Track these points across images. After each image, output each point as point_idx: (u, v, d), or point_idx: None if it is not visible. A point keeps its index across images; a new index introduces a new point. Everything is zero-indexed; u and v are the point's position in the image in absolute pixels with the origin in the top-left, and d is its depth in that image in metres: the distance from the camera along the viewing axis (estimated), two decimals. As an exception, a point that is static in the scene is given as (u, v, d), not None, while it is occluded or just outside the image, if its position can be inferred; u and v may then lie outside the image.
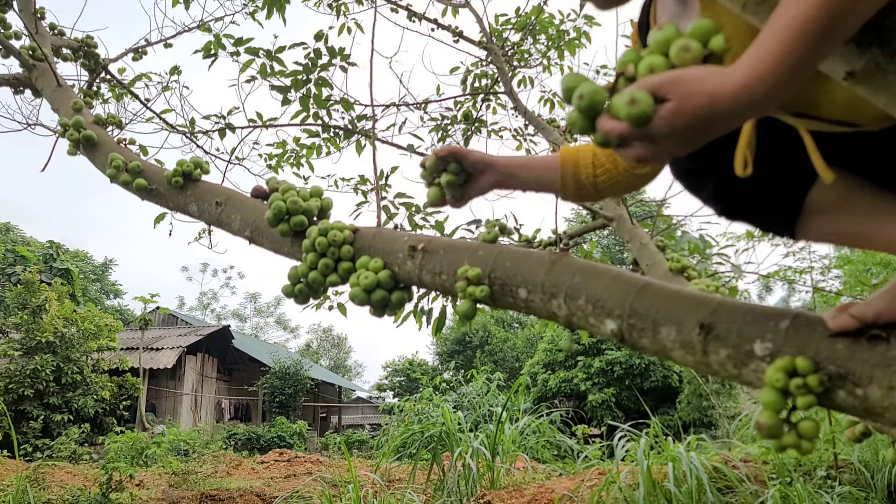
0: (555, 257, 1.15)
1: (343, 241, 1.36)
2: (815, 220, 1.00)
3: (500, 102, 5.23)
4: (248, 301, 49.76)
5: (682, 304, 0.97)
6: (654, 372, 18.09)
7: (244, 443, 18.50)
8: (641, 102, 0.71)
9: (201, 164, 1.77)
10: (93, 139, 2.01)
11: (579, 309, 1.07)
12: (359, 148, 4.67)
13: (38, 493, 6.35)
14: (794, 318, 0.87)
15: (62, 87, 2.35)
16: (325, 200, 1.52)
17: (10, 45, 2.53)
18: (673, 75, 0.71)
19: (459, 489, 5.90)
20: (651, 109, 0.71)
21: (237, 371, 26.49)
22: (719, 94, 0.69)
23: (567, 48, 5.07)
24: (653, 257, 2.74)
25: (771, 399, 0.82)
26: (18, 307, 13.35)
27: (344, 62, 4.25)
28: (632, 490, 4.49)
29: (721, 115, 0.70)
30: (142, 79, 3.72)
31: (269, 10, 4.25)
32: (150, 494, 7.37)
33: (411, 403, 12.01)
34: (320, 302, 4.01)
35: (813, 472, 4.56)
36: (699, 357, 0.93)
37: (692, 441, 5.05)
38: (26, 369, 12.65)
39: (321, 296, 1.53)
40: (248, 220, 1.59)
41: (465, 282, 1.20)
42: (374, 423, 32.59)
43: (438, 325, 3.37)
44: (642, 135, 0.73)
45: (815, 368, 0.82)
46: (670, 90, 0.70)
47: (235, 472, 9.79)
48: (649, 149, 0.75)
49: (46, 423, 12.67)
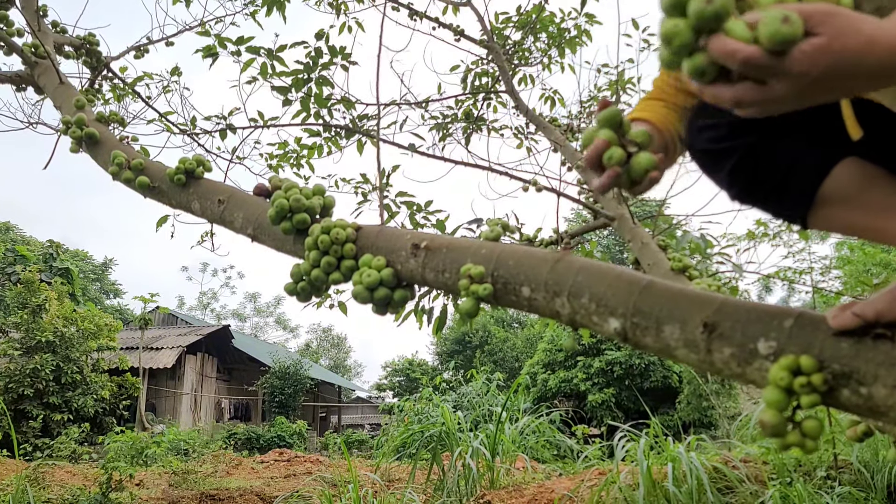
0: (558, 256, 1.15)
1: (346, 239, 1.36)
2: (828, 210, 1.00)
3: (501, 101, 5.23)
4: (248, 301, 49.76)
5: (686, 302, 0.97)
6: (653, 372, 18.10)
7: (244, 442, 18.49)
8: (795, 24, 0.60)
9: (203, 162, 1.77)
10: (95, 137, 2.01)
11: (582, 307, 1.07)
12: (360, 147, 4.66)
13: (37, 492, 6.35)
14: (798, 316, 0.87)
15: (65, 85, 2.35)
16: (327, 198, 1.52)
17: (13, 42, 2.53)
18: (827, 7, 0.62)
19: (459, 489, 5.90)
20: (799, 36, 0.61)
21: (237, 371, 26.48)
22: (878, 41, 0.61)
23: (568, 46, 5.07)
24: (654, 257, 2.74)
25: (775, 397, 0.82)
26: (18, 306, 13.35)
27: (345, 61, 4.25)
28: (632, 490, 4.48)
29: (869, 66, 0.61)
30: (143, 79, 3.72)
31: (269, 9, 4.25)
32: (149, 494, 7.37)
33: (411, 403, 12.00)
34: (321, 300, 4.02)
35: (813, 472, 4.56)
36: (703, 356, 0.93)
37: (692, 441, 5.05)
38: (26, 369, 12.64)
39: (323, 294, 1.53)
40: (251, 217, 1.58)
41: (468, 280, 1.19)
42: (373, 422, 32.58)
43: (439, 325, 3.37)
44: (769, 67, 0.63)
45: (820, 367, 0.82)
46: (821, 21, 0.61)
47: (235, 471, 9.79)
48: (758, 92, 0.66)
49: (46, 423, 12.67)
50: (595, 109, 5.23)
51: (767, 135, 0.98)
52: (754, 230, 4.56)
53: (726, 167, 1.04)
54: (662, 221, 3.47)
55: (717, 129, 1.05)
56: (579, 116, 5.16)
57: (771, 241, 4.92)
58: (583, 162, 0.90)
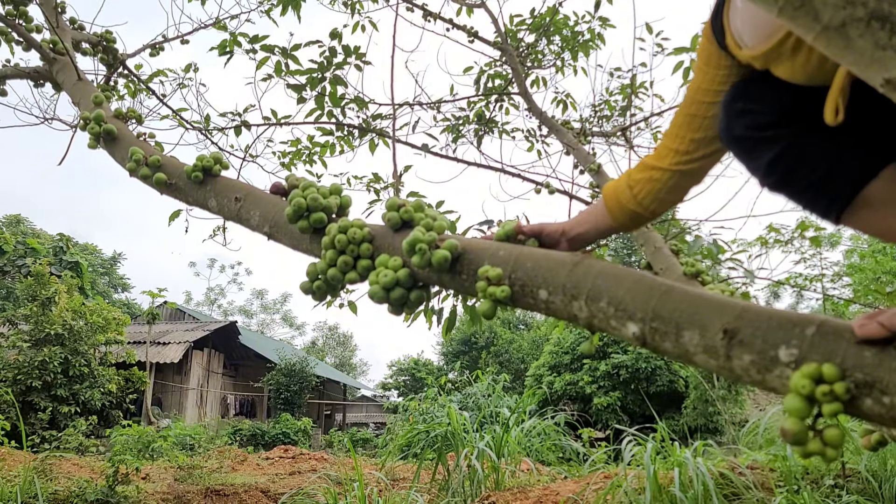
0: (576, 259, 1.15)
1: (362, 239, 1.36)
2: (867, 212, 1.01)
3: (514, 103, 5.22)
4: (255, 297, 49.91)
5: (706, 308, 0.97)
6: (660, 376, 18.03)
7: (249, 438, 18.55)
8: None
9: (221, 160, 1.78)
10: (113, 133, 2.02)
11: (601, 311, 1.07)
12: (372, 147, 4.67)
13: (44, 484, 6.38)
14: (820, 324, 0.87)
15: (83, 81, 2.36)
16: (344, 198, 1.52)
17: (32, 38, 2.54)
18: None
19: (464, 490, 5.90)
20: None
21: (243, 367, 26.57)
22: None
23: (581, 49, 5.06)
24: (666, 261, 2.73)
25: (796, 405, 0.82)
26: (28, 299, 13.42)
27: (359, 61, 4.26)
28: (637, 494, 4.47)
29: None
30: (159, 75, 3.74)
31: (284, 7, 4.26)
32: (155, 488, 7.40)
33: (416, 403, 12.01)
34: (331, 300, 4.02)
35: (820, 480, 4.54)
36: (722, 362, 0.93)
37: (698, 447, 5.03)
38: (34, 361, 12.71)
39: (339, 293, 1.54)
40: (268, 216, 1.59)
41: (485, 282, 1.19)
42: (377, 421, 32.64)
43: (449, 325, 3.36)
44: None
45: (842, 376, 0.81)
46: None
47: (240, 467, 9.82)
48: None
49: (54, 415, 12.73)
50: (606, 114, 5.22)
51: (815, 128, 0.99)
52: (765, 236, 4.54)
53: (767, 156, 1.05)
54: (674, 225, 3.46)
55: (760, 116, 1.06)
56: (591, 120, 5.15)
57: (782, 247, 4.90)
58: None
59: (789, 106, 1.04)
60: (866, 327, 0.82)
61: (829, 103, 0.94)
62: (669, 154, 1.26)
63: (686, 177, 1.28)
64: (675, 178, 1.28)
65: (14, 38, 2.67)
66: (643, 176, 1.30)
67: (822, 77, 0.97)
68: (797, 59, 0.99)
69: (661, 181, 1.28)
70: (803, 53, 0.98)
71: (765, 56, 1.04)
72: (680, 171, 1.26)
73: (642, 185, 1.30)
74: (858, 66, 0.72)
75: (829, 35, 0.71)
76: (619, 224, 1.36)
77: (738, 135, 1.09)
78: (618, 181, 1.35)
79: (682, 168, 1.26)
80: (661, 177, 1.28)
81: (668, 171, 1.27)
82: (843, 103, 0.93)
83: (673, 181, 1.28)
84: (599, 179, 3.59)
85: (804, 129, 1.01)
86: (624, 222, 1.35)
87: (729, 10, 1.13)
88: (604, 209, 1.36)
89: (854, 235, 13.72)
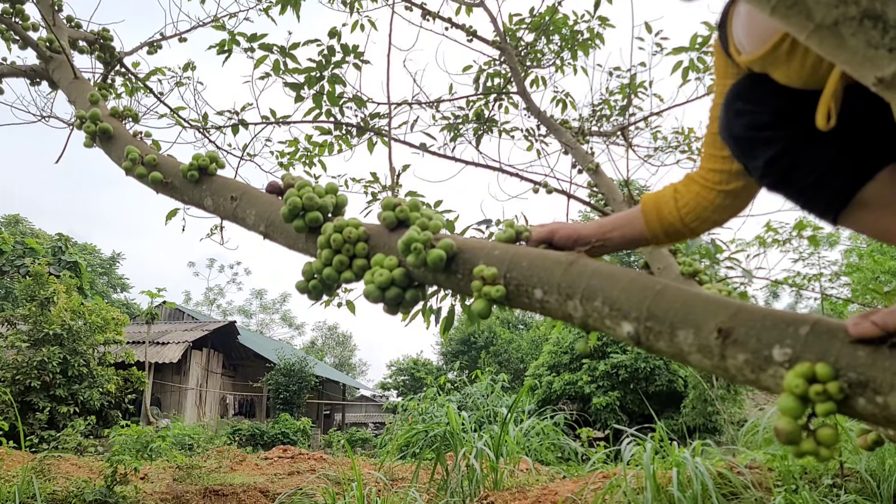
0: (571, 258, 1.14)
1: (358, 238, 1.36)
2: (864, 212, 1.02)
3: (513, 102, 5.22)
4: (254, 297, 49.93)
5: (701, 307, 0.97)
6: (658, 376, 18.03)
7: (248, 438, 18.55)
8: None
9: (217, 159, 1.77)
10: (109, 132, 2.02)
11: (595, 311, 1.07)
12: (370, 146, 4.67)
13: (43, 484, 6.37)
14: (814, 324, 0.86)
15: (79, 80, 2.36)
16: (340, 197, 1.52)
17: (28, 36, 2.54)
18: None
19: (463, 489, 5.90)
20: None
21: (242, 367, 26.57)
22: None
23: (580, 49, 5.06)
24: (664, 261, 2.73)
25: (790, 405, 0.82)
26: (27, 299, 13.41)
27: (357, 60, 4.25)
28: (636, 494, 4.47)
29: None
30: (156, 73, 3.73)
31: (283, 6, 4.26)
32: (154, 488, 7.39)
33: (415, 403, 12.01)
34: (329, 299, 4.02)
35: (818, 479, 4.54)
36: (716, 361, 0.93)
37: (697, 446, 5.03)
38: (33, 361, 12.70)
39: (334, 292, 1.53)
40: (264, 215, 1.58)
41: (480, 281, 1.19)
42: (377, 421, 32.64)
43: (447, 325, 3.36)
44: None
45: (836, 375, 0.81)
46: None
47: (239, 467, 9.81)
48: None
49: (52, 415, 12.72)
50: (605, 114, 5.21)
51: (813, 130, 0.99)
52: (764, 236, 4.54)
53: (765, 156, 1.05)
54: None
55: (759, 116, 1.07)
56: (590, 119, 5.15)
57: (780, 247, 4.89)
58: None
59: (788, 107, 1.04)
60: (860, 326, 0.81)
61: (820, 108, 0.94)
62: (710, 175, 1.26)
63: (731, 197, 1.26)
64: (720, 198, 1.26)
65: (10, 36, 2.67)
66: (690, 191, 1.27)
67: (818, 81, 0.98)
68: (792, 64, 1.00)
69: (708, 199, 1.26)
70: (798, 58, 0.98)
71: (761, 60, 1.04)
72: (724, 192, 1.25)
73: (687, 199, 1.28)
74: (851, 65, 0.72)
75: (821, 34, 0.71)
76: (653, 236, 1.32)
77: (736, 134, 1.10)
78: (661, 192, 1.32)
79: (725, 188, 1.24)
80: (707, 195, 1.26)
81: (713, 189, 1.25)
82: (835, 108, 0.93)
83: (719, 200, 1.26)
84: (597, 179, 3.59)
85: (802, 130, 1.02)
86: (658, 235, 1.32)
87: (732, 17, 1.13)
88: (639, 218, 1.32)
89: (853, 235, 13.74)
